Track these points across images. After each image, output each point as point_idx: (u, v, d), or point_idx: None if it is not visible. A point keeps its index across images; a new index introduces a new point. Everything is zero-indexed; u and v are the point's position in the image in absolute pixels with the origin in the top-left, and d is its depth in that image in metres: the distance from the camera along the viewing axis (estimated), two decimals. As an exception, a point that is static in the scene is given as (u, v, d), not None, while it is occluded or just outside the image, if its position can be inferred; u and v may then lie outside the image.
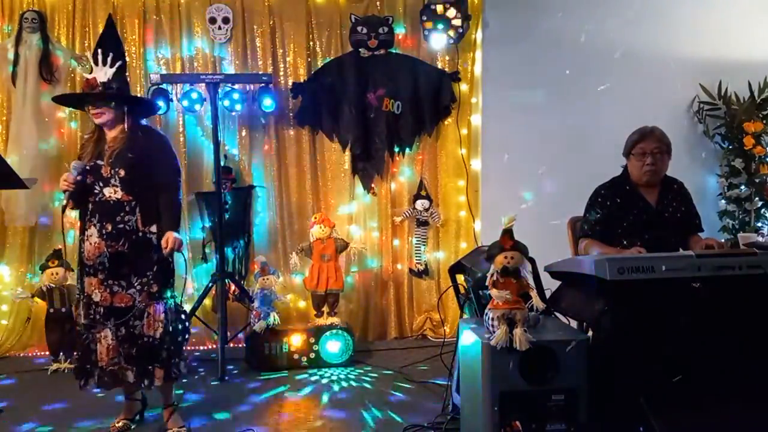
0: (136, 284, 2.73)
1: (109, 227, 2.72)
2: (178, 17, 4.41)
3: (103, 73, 2.77)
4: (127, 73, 3.01)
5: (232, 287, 4.18)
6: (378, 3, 4.56)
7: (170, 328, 2.81)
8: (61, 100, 3.25)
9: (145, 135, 2.86)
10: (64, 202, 2.75)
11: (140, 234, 2.75)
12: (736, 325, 2.32)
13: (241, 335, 4.21)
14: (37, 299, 4.02)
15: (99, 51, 2.77)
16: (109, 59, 2.76)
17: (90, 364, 2.76)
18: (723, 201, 4.70)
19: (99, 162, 2.76)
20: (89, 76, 2.79)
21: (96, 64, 2.78)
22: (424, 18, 4.42)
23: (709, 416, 2.24)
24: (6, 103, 4.33)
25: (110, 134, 2.82)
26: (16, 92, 4.22)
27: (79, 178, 2.72)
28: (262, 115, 4.43)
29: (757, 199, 4.60)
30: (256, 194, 4.53)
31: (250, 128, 4.51)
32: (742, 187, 4.60)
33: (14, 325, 4.31)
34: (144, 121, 3.00)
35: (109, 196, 2.74)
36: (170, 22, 4.41)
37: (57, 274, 3.94)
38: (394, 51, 4.53)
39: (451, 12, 4.37)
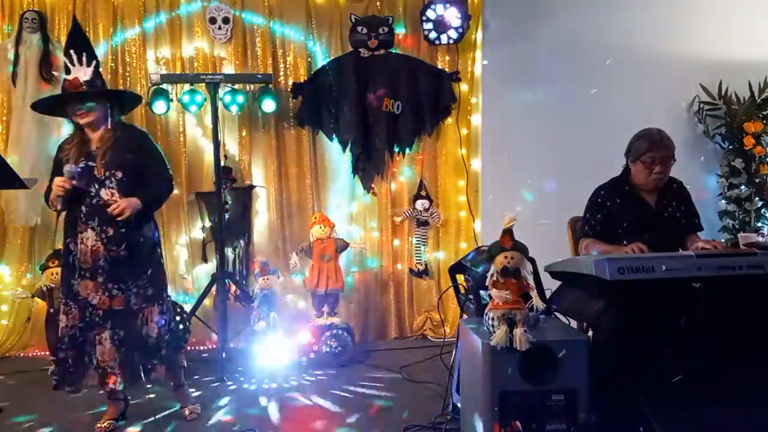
0: (132, 287, 2.76)
1: (111, 231, 2.71)
2: (178, 17, 4.42)
3: (83, 72, 2.74)
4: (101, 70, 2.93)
5: (233, 287, 4.18)
6: (378, 3, 4.55)
7: (169, 327, 2.89)
8: (41, 105, 2.98)
9: (129, 133, 2.88)
10: (58, 207, 2.72)
11: (139, 239, 2.78)
12: (736, 326, 2.31)
13: (241, 335, 4.21)
14: (37, 299, 4.01)
15: (72, 52, 2.74)
16: (84, 59, 2.74)
17: (83, 367, 2.77)
18: (723, 201, 4.70)
19: (90, 163, 2.74)
20: (69, 77, 2.74)
21: (72, 64, 2.74)
22: (425, 18, 4.43)
23: (709, 416, 2.24)
24: (6, 104, 4.33)
25: (95, 135, 2.80)
26: (16, 92, 4.22)
27: (74, 182, 2.68)
28: (262, 115, 4.43)
29: (757, 199, 4.60)
30: (257, 194, 4.53)
31: (250, 128, 4.51)
32: (742, 187, 4.60)
33: (14, 325, 4.31)
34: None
35: (107, 199, 2.72)
36: (170, 22, 4.41)
37: (57, 274, 3.92)
38: (394, 51, 4.53)
39: (451, 12, 4.37)
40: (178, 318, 3.05)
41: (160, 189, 2.91)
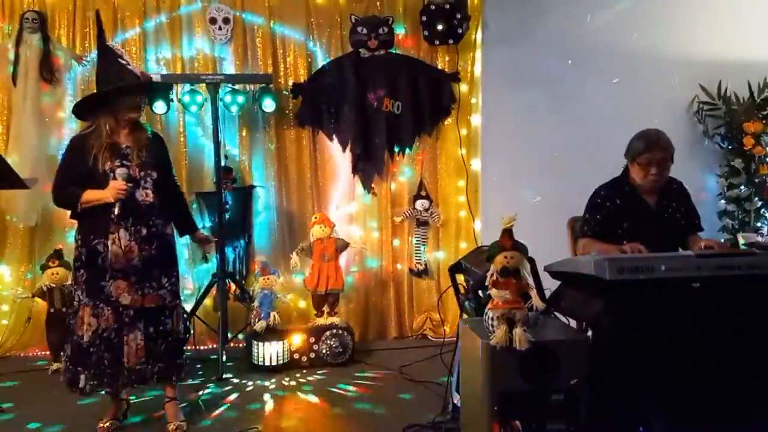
0: (165, 284, 2.82)
1: (144, 231, 2.75)
2: (178, 17, 4.42)
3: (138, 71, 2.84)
4: None
5: (233, 287, 4.18)
6: (378, 3, 4.56)
7: (185, 325, 3.02)
8: (87, 101, 2.88)
9: (155, 134, 2.96)
10: (117, 211, 2.65)
11: (166, 238, 2.86)
12: (736, 326, 2.32)
13: (241, 335, 4.21)
14: (37, 299, 4.02)
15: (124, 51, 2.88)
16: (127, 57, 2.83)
17: (121, 367, 2.75)
18: (723, 201, 4.71)
19: (126, 163, 2.74)
20: (137, 71, 2.81)
21: (130, 60, 2.81)
22: (424, 18, 4.43)
23: (709, 416, 2.24)
24: (6, 103, 4.33)
25: (130, 135, 2.78)
26: (16, 92, 4.22)
27: (130, 185, 2.70)
28: (263, 115, 4.44)
29: (756, 199, 4.61)
30: (257, 194, 4.53)
31: (250, 128, 4.52)
32: (742, 187, 4.61)
33: (15, 325, 4.31)
34: None
35: (143, 200, 2.75)
36: (170, 22, 4.42)
37: (57, 274, 3.94)
38: (394, 51, 4.54)
39: (451, 12, 4.37)
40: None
41: (183, 197, 3.14)
